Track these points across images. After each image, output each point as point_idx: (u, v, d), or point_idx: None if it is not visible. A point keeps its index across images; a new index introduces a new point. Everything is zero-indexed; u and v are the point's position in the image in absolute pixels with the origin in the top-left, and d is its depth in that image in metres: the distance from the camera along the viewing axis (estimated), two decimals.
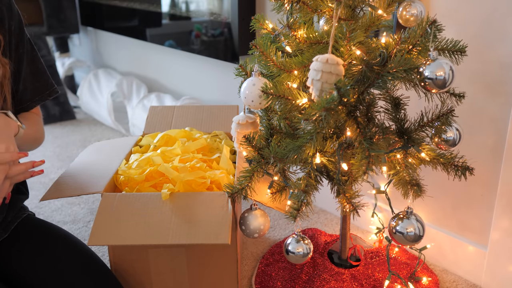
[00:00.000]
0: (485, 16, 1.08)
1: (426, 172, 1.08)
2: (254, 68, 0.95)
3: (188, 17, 1.94)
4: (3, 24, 0.97)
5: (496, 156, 1.13)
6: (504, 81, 1.08)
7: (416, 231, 0.99)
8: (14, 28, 1.00)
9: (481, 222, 1.20)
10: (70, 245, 1.04)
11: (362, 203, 0.95)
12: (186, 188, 1.08)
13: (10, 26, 0.98)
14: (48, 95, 1.12)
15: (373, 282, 1.17)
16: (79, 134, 2.38)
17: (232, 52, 1.74)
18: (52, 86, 1.12)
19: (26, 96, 1.07)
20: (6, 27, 0.97)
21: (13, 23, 0.99)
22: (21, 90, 1.06)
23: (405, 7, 0.93)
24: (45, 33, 2.63)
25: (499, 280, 1.18)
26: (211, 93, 2.07)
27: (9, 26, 0.98)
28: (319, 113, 0.81)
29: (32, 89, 1.08)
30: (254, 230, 1.04)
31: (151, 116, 1.46)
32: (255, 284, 1.21)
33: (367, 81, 0.87)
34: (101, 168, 1.17)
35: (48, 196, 1.05)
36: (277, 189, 1.05)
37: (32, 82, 1.08)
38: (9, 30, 0.98)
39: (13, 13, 0.99)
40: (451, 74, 0.83)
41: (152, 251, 1.06)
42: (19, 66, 1.04)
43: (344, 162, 0.94)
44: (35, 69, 1.08)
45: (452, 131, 0.95)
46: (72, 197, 1.71)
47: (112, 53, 2.75)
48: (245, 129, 1.02)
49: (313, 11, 0.93)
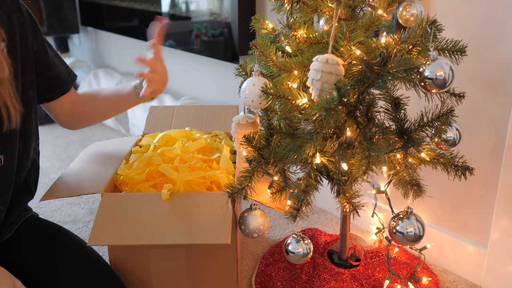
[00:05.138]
0: (485, 16, 1.08)
1: (426, 172, 1.08)
2: (254, 68, 0.95)
3: (188, 17, 1.94)
4: (9, 17, 0.97)
5: (496, 156, 1.13)
6: (504, 81, 1.08)
7: (416, 231, 0.99)
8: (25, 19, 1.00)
9: (481, 222, 1.20)
10: (79, 243, 1.06)
11: (362, 203, 0.95)
12: (186, 188, 1.08)
13: (18, 17, 0.99)
14: (74, 75, 1.17)
15: (373, 282, 1.17)
16: (79, 134, 2.38)
17: (232, 52, 1.74)
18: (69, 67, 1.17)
19: (61, 79, 1.12)
20: (15, 21, 0.98)
21: (21, 14, 1.00)
22: (56, 75, 1.10)
23: (405, 7, 0.93)
24: (45, 33, 2.62)
25: (499, 280, 1.18)
26: (211, 93, 2.07)
27: (18, 18, 0.98)
28: (319, 113, 0.81)
29: (64, 71, 1.13)
30: (253, 230, 1.04)
31: (151, 116, 1.46)
32: (255, 284, 1.21)
33: (367, 81, 0.87)
34: (101, 168, 1.17)
35: (48, 196, 1.05)
36: (277, 189, 1.05)
37: (60, 65, 1.12)
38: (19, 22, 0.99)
39: (19, 5, 1.00)
40: (451, 74, 0.83)
41: (152, 251, 1.06)
42: (45, 53, 1.07)
43: (344, 162, 0.94)
44: (55, 53, 1.12)
45: (452, 131, 0.95)
46: (72, 197, 1.71)
47: (112, 53, 2.75)
48: (245, 129, 1.02)
49: (313, 11, 0.93)
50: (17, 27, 0.98)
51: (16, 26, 0.97)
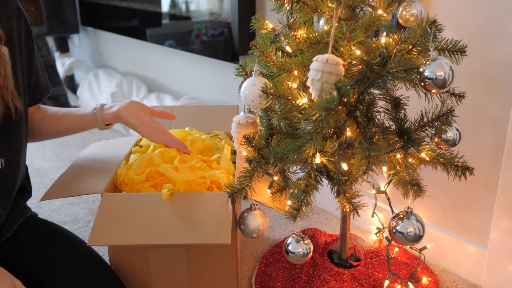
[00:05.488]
0: (485, 16, 1.08)
1: (426, 172, 1.08)
2: (254, 68, 0.95)
3: (188, 17, 1.94)
4: (11, 22, 0.97)
5: (496, 156, 1.13)
6: (504, 81, 1.08)
7: (416, 231, 0.99)
8: (22, 26, 1.01)
9: (481, 222, 1.20)
10: (78, 243, 1.06)
11: (362, 203, 0.95)
12: (186, 188, 1.08)
13: (18, 24, 0.99)
14: (50, 87, 1.16)
15: (373, 282, 1.17)
16: (79, 134, 2.37)
17: (232, 52, 1.74)
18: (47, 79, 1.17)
19: (39, 89, 1.11)
20: (15, 26, 0.98)
21: (21, 21, 1.00)
22: (33, 84, 1.09)
23: (405, 7, 0.93)
24: (45, 33, 2.63)
25: (499, 280, 1.18)
26: (211, 93, 2.07)
27: (18, 24, 0.99)
28: (319, 113, 0.81)
29: (42, 82, 1.12)
30: (253, 230, 1.04)
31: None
32: (255, 284, 1.21)
33: (367, 81, 0.87)
34: (101, 168, 1.17)
35: (48, 196, 1.05)
36: (277, 189, 1.05)
37: (41, 75, 1.12)
38: (18, 29, 0.99)
39: (20, 12, 1.00)
40: (451, 74, 0.83)
41: (152, 251, 1.06)
42: (31, 62, 1.06)
43: (344, 162, 0.94)
44: (39, 63, 1.12)
45: (452, 131, 0.95)
46: (72, 197, 1.71)
47: (112, 53, 2.75)
48: (245, 129, 1.02)
49: (313, 11, 0.93)
50: (16, 32, 0.98)
51: (14, 31, 0.98)
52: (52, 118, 1.17)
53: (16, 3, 0.99)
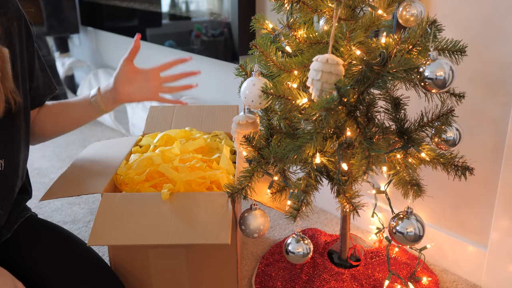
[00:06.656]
0: (485, 16, 1.08)
1: (426, 172, 1.08)
2: (254, 68, 0.95)
3: (188, 17, 1.94)
4: (11, 24, 0.98)
5: (496, 156, 1.13)
6: (504, 81, 1.08)
7: (416, 231, 0.99)
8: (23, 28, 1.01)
9: (481, 222, 1.20)
10: (78, 243, 1.06)
11: (362, 203, 0.95)
12: (186, 188, 1.08)
13: (19, 25, 0.99)
14: (54, 89, 1.16)
15: (373, 282, 1.17)
16: (79, 134, 2.38)
17: (232, 52, 1.74)
18: (52, 80, 1.16)
19: (39, 91, 1.11)
20: (16, 28, 0.98)
21: (22, 22, 1.00)
22: (34, 87, 1.08)
23: (405, 7, 0.93)
24: (45, 33, 2.63)
25: (499, 280, 1.18)
26: (211, 93, 2.07)
27: (18, 26, 0.99)
28: (319, 113, 0.81)
29: (43, 84, 1.12)
30: (253, 230, 1.04)
31: (151, 116, 1.46)
32: (255, 284, 1.21)
33: (367, 81, 0.87)
34: (101, 168, 1.17)
35: (48, 196, 1.05)
36: (277, 189, 1.05)
37: (42, 77, 1.11)
38: (19, 30, 0.99)
39: (21, 13, 1.00)
40: (451, 74, 0.83)
41: (152, 251, 1.06)
42: (32, 64, 1.06)
43: (344, 162, 0.94)
44: (42, 65, 1.11)
45: (452, 131, 0.95)
46: (72, 197, 1.71)
47: (112, 53, 2.75)
48: (245, 129, 1.02)
49: (313, 11, 0.93)
50: (17, 34, 0.98)
51: (14, 33, 0.98)
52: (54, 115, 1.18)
53: (17, 4, 0.99)
